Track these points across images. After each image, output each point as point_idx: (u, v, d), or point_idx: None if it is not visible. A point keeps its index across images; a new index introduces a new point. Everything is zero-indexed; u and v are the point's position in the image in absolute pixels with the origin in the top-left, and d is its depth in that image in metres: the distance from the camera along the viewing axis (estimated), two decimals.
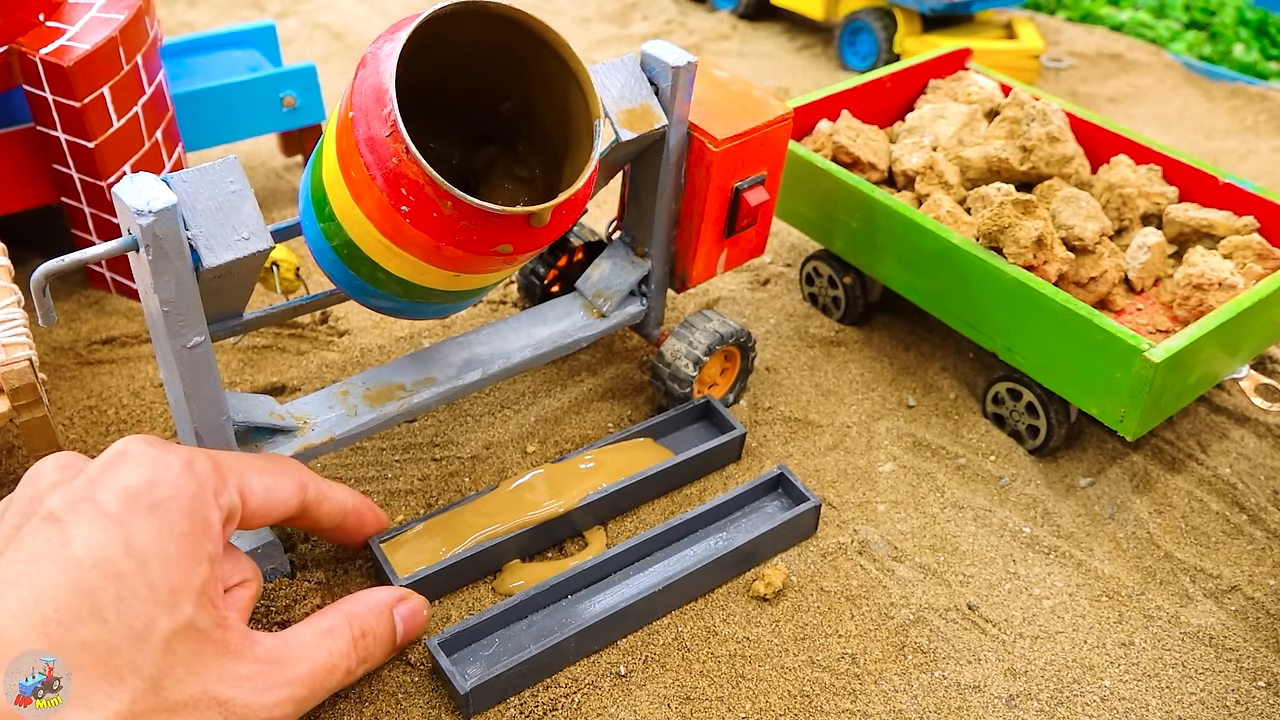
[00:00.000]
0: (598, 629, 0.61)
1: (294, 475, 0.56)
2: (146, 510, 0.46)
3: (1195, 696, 0.62)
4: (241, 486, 0.52)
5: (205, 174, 0.53)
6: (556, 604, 0.63)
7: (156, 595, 0.45)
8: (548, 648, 0.59)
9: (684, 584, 0.63)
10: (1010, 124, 0.88)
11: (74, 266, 0.50)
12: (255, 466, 0.54)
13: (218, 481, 0.50)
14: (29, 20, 0.78)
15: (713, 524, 0.69)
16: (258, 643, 0.50)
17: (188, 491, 0.47)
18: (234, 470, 0.52)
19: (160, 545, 0.46)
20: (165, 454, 0.48)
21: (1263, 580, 0.69)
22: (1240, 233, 0.82)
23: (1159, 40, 1.52)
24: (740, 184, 0.71)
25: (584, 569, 0.64)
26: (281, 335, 0.84)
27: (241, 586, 0.52)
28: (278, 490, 0.54)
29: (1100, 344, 0.69)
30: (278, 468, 0.55)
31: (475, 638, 0.61)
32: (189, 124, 0.94)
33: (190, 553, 0.47)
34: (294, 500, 0.55)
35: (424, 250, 0.53)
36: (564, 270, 0.81)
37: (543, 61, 0.57)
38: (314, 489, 0.57)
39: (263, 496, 0.53)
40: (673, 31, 1.45)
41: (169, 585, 0.45)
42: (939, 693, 0.61)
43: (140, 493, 0.46)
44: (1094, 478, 0.76)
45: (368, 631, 0.55)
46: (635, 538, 0.66)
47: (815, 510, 0.69)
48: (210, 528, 0.48)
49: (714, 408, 0.75)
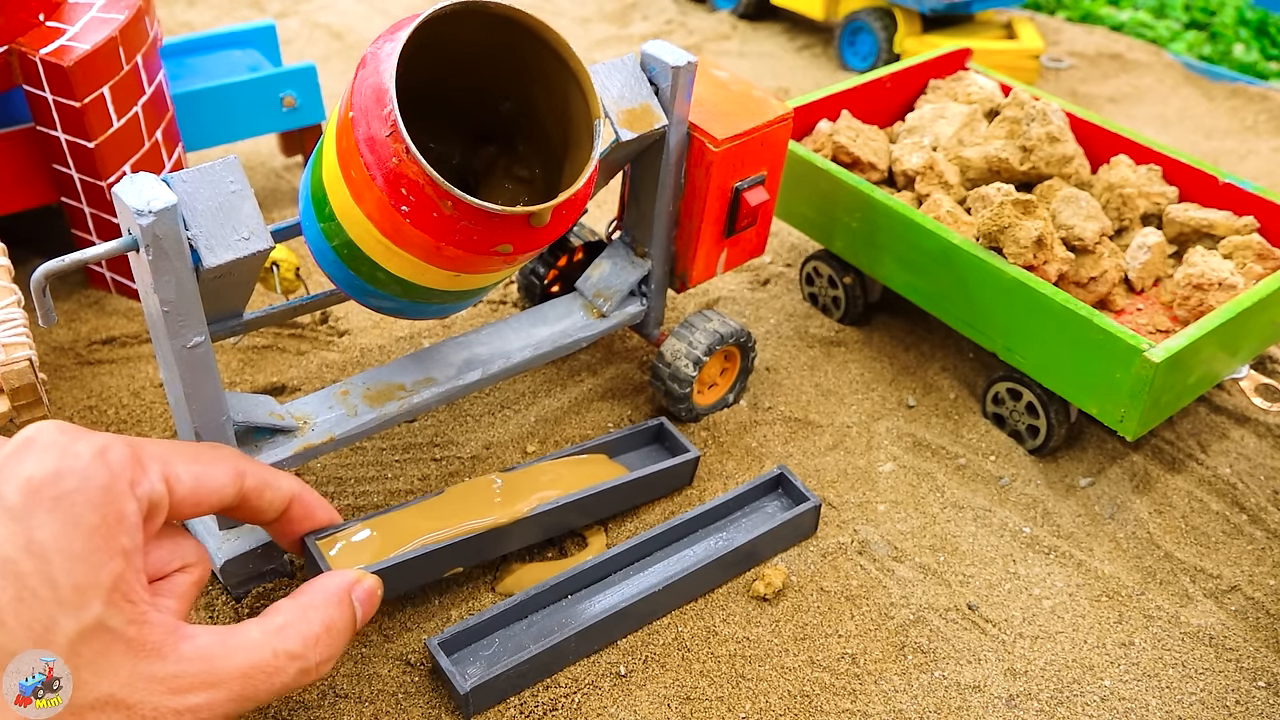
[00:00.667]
0: (598, 629, 0.61)
1: (229, 462, 0.52)
2: (50, 503, 0.43)
3: (1195, 696, 0.62)
4: (167, 474, 0.48)
5: (205, 174, 0.52)
6: (556, 604, 0.63)
7: (59, 595, 0.42)
8: (548, 648, 0.59)
9: (684, 584, 0.63)
10: (1010, 124, 0.88)
11: (74, 266, 0.50)
12: (183, 453, 0.50)
13: (135, 470, 0.46)
14: (29, 20, 0.78)
15: (713, 524, 0.69)
16: (187, 638, 0.46)
17: (97, 482, 0.44)
18: (157, 457, 0.48)
19: (64, 541, 0.43)
20: (74, 441, 0.45)
21: (1263, 580, 0.69)
22: (1240, 233, 0.82)
23: (1159, 40, 1.52)
24: (740, 184, 0.71)
25: (584, 569, 0.64)
26: (281, 335, 0.84)
27: (183, 572, 0.49)
28: (209, 478, 0.50)
29: (1100, 344, 0.69)
30: (210, 454, 0.52)
31: (475, 638, 0.61)
32: (189, 124, 0.94)
33: (100, 547, 0.43)
34: (229, 488, 0.51)
35: (424, 250, 0.53)
36: (564, 270, 0.81)
37: (543, 61, 0.57)
38: (254, 477, 0.53)
39: (191, 485, 0.49)
40: (673, 31, 1.45)
41: (73, 584, 0.42)
42: (939, 693, 0.61)
43: (44, 484, 0.43)
44: (1094, 478, 0.76)
45: (330, 625, 0.51)
46: (635, 538, 0.66)
47: (815, 510, 0.69)
48: (124, 519, 0.45)
49: (667, 430, 0.73)
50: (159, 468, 0.48)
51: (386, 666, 0.60)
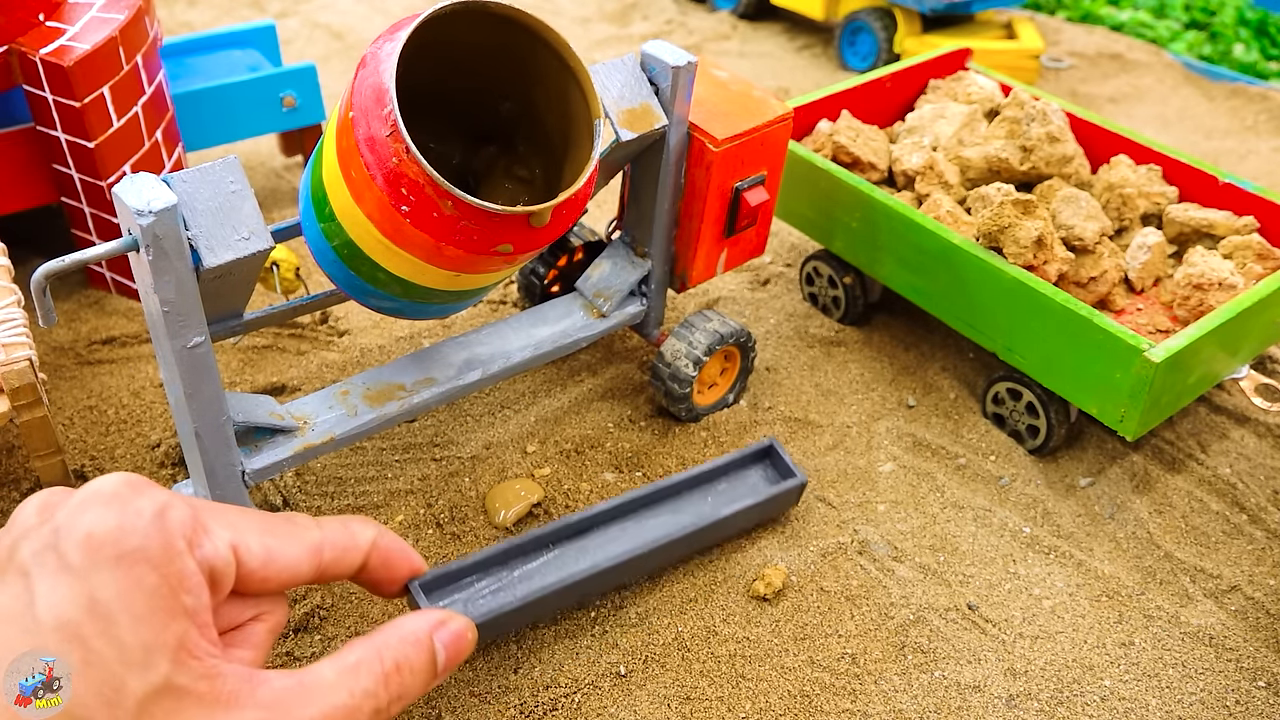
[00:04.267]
0: (578, 586, 0.61)
1: (305, 537, 0.50)
2: (112, 562, 0.42)
3: (1195, 696, 0.62)
4: (236, 544, 0.47)
5: (205, 174, 0.52)
6: (539, 554, 0.63)
7: (125, 656, 0.42)
8: (530, 599, 0.59)
9: (667, 548, 0.64)
10: (1010, 124, 0.88)
11: (74, 267, 0.50)
12: (257, 525, 0.48)
13: (196, 531, 0.45)
14: (29, 20, 0.78)
15: (695, 489, 0.69)
16: (262, 684, 0.46)
17: (157, 542, 0.43)
18: (227, 524, 0.47)
19: (128, 601, 0.42)
20: (138, 498, 0.44)
21: (1263, 580, 0.69)
22: (1240, 233, 0.82)
23: (1159, 40, 1.52)
24: (740, 184, 0.71)
25: (568, 522, 0.64)
26: (281, 335, 0.84)
27: (257, 620, 0.49)
28: (282, 553, 0.49)
29: (1100, 344, 0.69)
30: (284, 528, 0.50)
31: (456, 579, 0.61)
32: (189, 124, 0.94)
33: (162, 608, 0.43)
34: (304, 566, 0.50)
35: (424, 250, 0.53)
36: (564, 270, 0.81)
37: (543, 61, 0.57)
38: (330, 549, 0.51)
39: (263, 558, 0.48)
40: (673, 31, 1.45)
41: (140, 644, 0.42)
42: (939, 693, 0.61)
43: (105, 542, 0.42)
44: (1094, 478, 0.76)
45: (402, 664, 0.50)
46: (619, 497, 0.66)
47: (800, 487, 0.69)
48: (185, 579, 0.44)
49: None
50: (228, 535, 0.47)
51: None
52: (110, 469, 0.71)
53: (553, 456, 0.75)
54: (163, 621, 0.43)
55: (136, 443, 0.74)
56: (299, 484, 0.71)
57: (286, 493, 0.71)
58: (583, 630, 0.63)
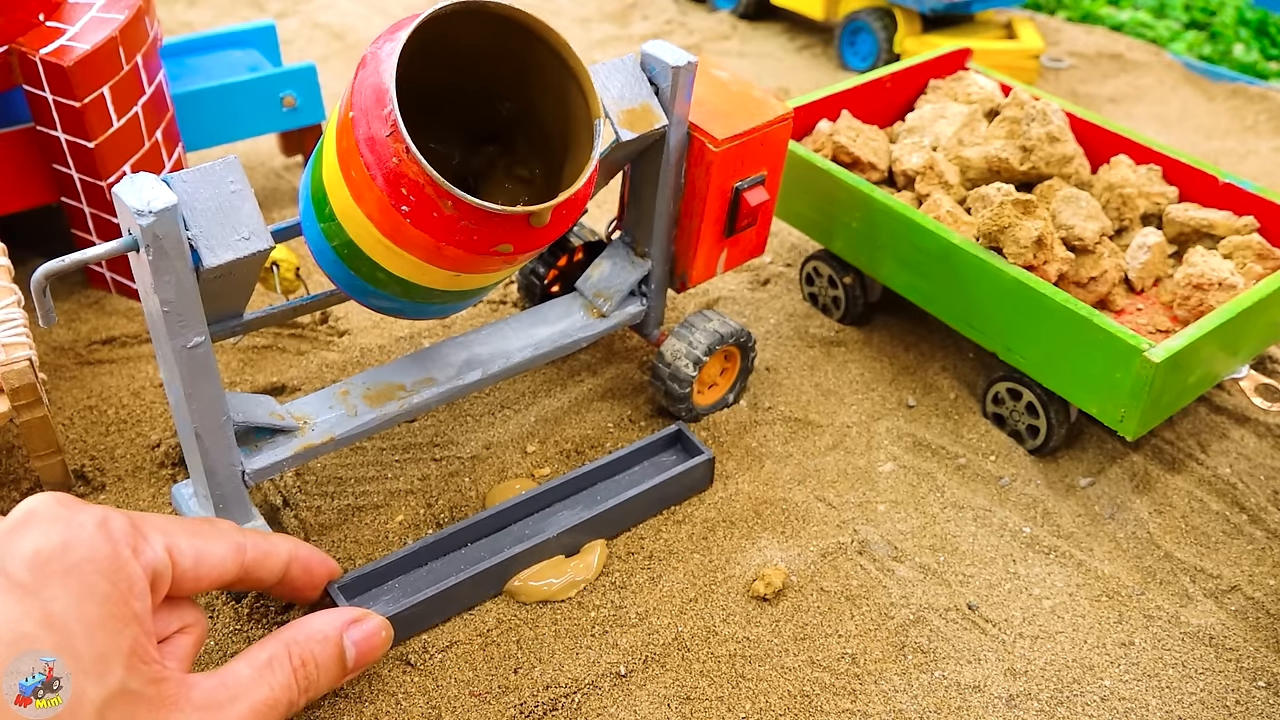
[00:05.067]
0: (492, 573, 0.63)
1: (229, 538, 0.53)
2: (61, 575, 0.43)
3: (1195, 696, 0.62)
4: (170, 546, 0.49)
5: (205, 174, 0.52)
6: (454, 552, 0.66)
7: (82, 665, 0.43)
8: (440, 591, 0.61)
9: (575, 531, 0.66)
10: (1010, 124, 0.88)
11: (74, 267, 0.50)
12: (185, 528, 0.51)
13: (136, 538, 0.47)
14: (29, 20, 0.78)
15: (611, 477, 0.72)
16: (193, 688, 0.48)
17: (104, 551, 0.45)
18: (159, 528, 0.49)
19: (80, 611, 0.43)
20: (77, 513, 0.45)
21: (1263, 580, 0.69)
22: (1240, 233, 0.82)
23: (1159, 40, 1.52)
24: (740, 184, 0.71)
25: (480, 519, 0.66)
26: (281, 335, 0.84)
27: (182, 633, 0.51)
28: (210, 553, 0.51)
29: (1100, 344, 0.69)
30: (210, 530, 0.53)
31: (375, 583, 0.63)
32: (189, 124, 0.94)
33: (114, 614, 0.44)
34: (230, 564, 0.52)
35: (424, 250, 0.53)
36: (564, 270, 0.81)
37: (543, 61, 0.57)
38: (254, 549, 0.54)
39: (193, 558, 0.50)
40: (673, 31, 1.45)
41: (95, 653, 0.43)
42: (939, 693, 0.61)
43: (52, 557, 0.43)
44: (1094, 478, 0.76)
45: (308, 660, 0.53)
46: (535, 488, 0.69)
47: (709, 464, 0.71)
48: (134, 585, 0.45)
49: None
50: (162, 539, 0.49)
51: (386, 666, 0.60)
52: (110, 469, 0.72)
53: (553, 456, 0.75)
54: (116, 628, 0.44)
55: (136, 443, 0.74)
56: (299, 484, 0.71)
57: (286, 493, 0.71)
58: (583, 630, 0.63)
